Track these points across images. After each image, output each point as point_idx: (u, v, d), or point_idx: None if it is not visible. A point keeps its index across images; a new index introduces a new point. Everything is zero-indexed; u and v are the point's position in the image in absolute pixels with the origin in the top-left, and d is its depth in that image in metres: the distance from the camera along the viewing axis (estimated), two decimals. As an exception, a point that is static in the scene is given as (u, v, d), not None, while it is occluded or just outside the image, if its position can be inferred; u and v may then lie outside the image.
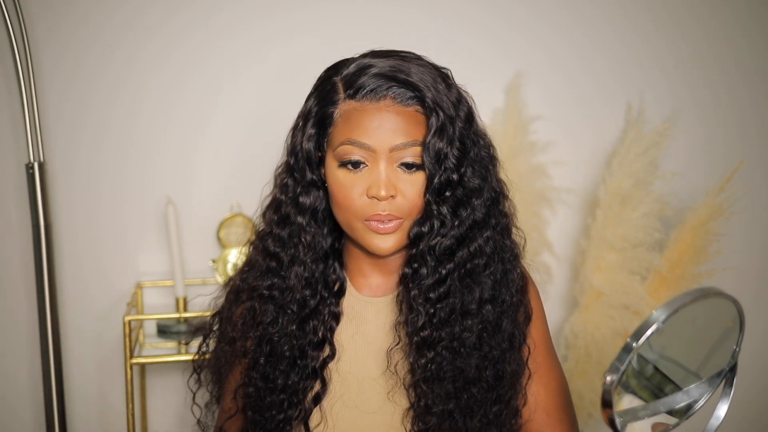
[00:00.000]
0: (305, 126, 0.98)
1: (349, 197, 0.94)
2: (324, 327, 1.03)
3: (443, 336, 0.97)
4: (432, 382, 0.96)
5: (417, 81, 0.93)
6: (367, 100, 0.93)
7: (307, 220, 1.01)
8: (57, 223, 1.68)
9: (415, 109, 0.93)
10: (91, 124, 1.68)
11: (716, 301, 0.73)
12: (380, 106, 0.92)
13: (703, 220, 1.65)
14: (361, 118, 0.92)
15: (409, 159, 0.93)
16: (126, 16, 1.66)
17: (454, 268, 0.97)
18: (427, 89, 0.93)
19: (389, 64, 0.94)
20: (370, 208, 0.94)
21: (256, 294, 1.03)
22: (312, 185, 1.00)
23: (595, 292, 1.70)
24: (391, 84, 0.92)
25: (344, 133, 0.94)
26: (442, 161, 0.93)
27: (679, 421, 0.81)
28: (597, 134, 1.82)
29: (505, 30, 1.77)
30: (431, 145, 0.92)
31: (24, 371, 1.72)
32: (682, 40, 1.81)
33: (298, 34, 1.71)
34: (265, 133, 1.30)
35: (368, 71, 0.93)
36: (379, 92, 0.92)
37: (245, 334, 1.04)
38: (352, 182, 0.94)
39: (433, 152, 0.92)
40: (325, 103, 0.95)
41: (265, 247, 1.04)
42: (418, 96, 0.92)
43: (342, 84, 0.95)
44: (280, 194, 1.03)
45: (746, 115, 1.85)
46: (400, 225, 0.95)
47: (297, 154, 0.99)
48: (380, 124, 0.92)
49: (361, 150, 0.92)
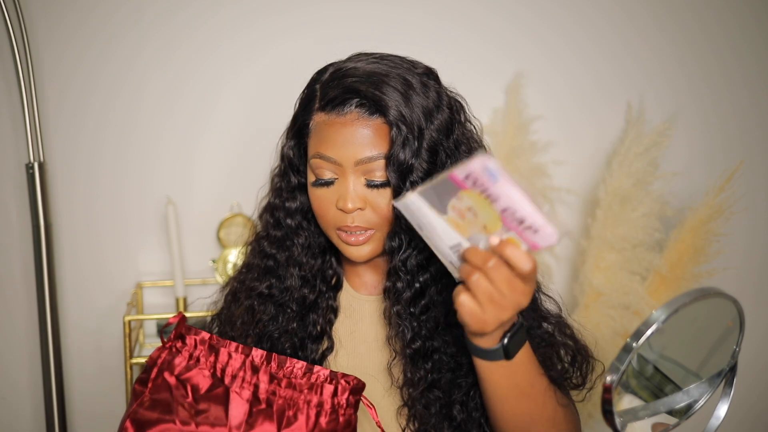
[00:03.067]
0: (288, 133, 1.00)
1: (322, 208, 0.96)
2: (323, 320, 1.04)
3: (436, 345, 0.97)
4: (431, 390, 0.96)
5: (381, 93, 0.91)
6: (334, 113, 0.93)
7: (297, 222, 1.02)
8: (57, 223, 1.68)
9: (381, 121, 0.92)
10: (91, 124, 1.68)
11: (716, 301, 0.73)
12: (346, 120, 0.92)
13: (703, 220, 1.65)
14: (329, 132, 0.93)
15: (374, 177, 0.93)
16: (126, 16, 1.66)
17: (431, 281, 0.97)
18: (392, 101, 0.91)
19: (362, 74, 0.93)
20: (341, 219, 0.95)
21: (254, 293, 1.04)
22: (298, 189, 1.01)
23: (595, 292, 1.70)
24: (355, 97, 0.92)
25: (314, 146, 0.95)
26: (406, 175, 0.92)
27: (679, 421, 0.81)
28: (597, 134, 1.82)
29: (506, 30, 1.77)
30: (394, 159, 0.91)
31: (24, 371, 1.72)
32: (682, 40, 1.81)
33: (299, 34, 1.71)
34: (266, 132, 1.30)
35: (341, 82, 0.93)
36: (345, 105, 0.92)
37: (245, 333, 1.04)
38: (325, 195, 0.96)
39: (395, 165, 0.91)
40: (305, 112, 0.97)
41: (262, 248, 1.05)
42: (381, 110, 0.91)
43: (319, 92, 0.96)
44: (273, 197, 1.05)
45: (746, 114, 1.85)
46: (371, 236, 0.96)
47: (283, 158, 1.01)
48: (345, 138, 0.92)
49: (328, 164, 0.93)
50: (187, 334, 0.89)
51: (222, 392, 0.86)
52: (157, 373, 0.87)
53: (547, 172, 1.79)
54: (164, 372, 0.87)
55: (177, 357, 0.88)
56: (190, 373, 0.87)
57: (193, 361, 0.88)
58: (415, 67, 0.97)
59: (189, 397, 0.86)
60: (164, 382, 0.87)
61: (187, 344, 0.88)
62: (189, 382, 0.87)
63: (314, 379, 0.88)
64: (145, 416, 0.85)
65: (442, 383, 0.97)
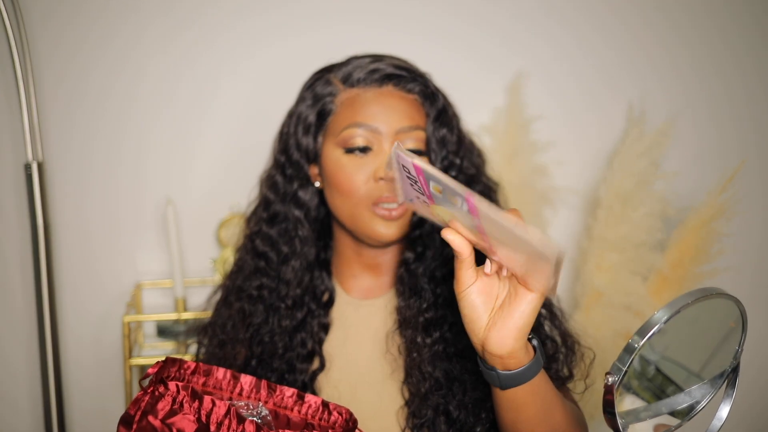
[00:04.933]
0: (300, 121, 0.98)
1: (355, 182, 0.94)
2: (312, 340, 1.02)
3: (448, 315, 0.96)
4: (435, 362, 0.95)
5: (415, 70, 0.97)
6: (369, 86, 0.94)
7: (303, 214, 1.01)
8: (56, 223, 1.67)
9: (414, 98, 0.94)
10: (91, 124, 1.68)
11: (718, 302, 0.73)
12: (383, 91, 0.94)
13: (705, 220, 1.65)
14: (366, 103, 0.93)
15: (412, 145, 0.93)
16: (121, 14, 1.65)
17: (450, 258, 0.97)
18: (424, 80, 0.97)
19: (384, 60, 0.97)
20: (377, 191, 0.93)
21: (244, 295, 1.03)
22: (308, 180, 1.00)
23: (596, 293, 1.70)
24: (391, 72, 0.94)
25: (348, 117, 0.93)
26: (444, 145, 0.95)
27: (681, 422, 0.81)
28: (598, 134, 1.82)
29: (507, 28, 1.77)
30: (435, 129, 0.95)
31: (23, 371, 1.71)
32: (684, 40, 1.81)
33: (299, 29, 1.71)
34: (266, 131, 1.30)
35: (367, 66, 0.95)
36: (381, 80, 0.94)
37: (235, 337, 1.03)
38: (358, 167, 0.93)
39: (438, 136, 0.95)
40: (323, 95, 0.96)
41: (254, 246, 1.04)
42: (419, 82, 0.94)
43: (338, 78, 0.96)
44: (269, 193, 1.03)
45: (748, 114, 1.84)
46: (405, 210, 0.95)
47: (290, 149, 1.00)
48: (385, 107, 0.93)
49: (366, 132, 0.92)
50: (169, 379, 0.87)
51: None
52: (141, 415, 0.85)
53: (548, 171, 1.78)
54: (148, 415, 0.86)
55: (160, 401, 0.86)
56: (174, 417, 0.85)
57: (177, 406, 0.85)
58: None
59: None
60: (149, 424, 0.85)
61: (170, 389, 0.86)
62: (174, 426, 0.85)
63: (305, 409, 0.84)
64: None
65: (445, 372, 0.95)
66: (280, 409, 0.85)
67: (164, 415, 0.85)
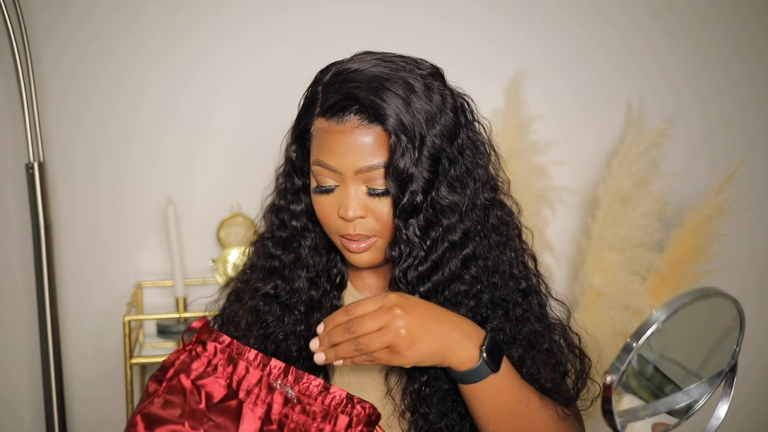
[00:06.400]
0: (291, 135, 0.99)
1: (325, 215, 0.96)
2: None
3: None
4: (431, 399, 0.96)
5: (381, 100, 0.89)
6: (334, 120, 0.91)
7: (303, 224, 1.02)
8: (57, 223, 1.68)
9: (381, 129, 0.91)
10: (91, 124, 1.68)
11: (716, 301, 0.73)
12: (345, 128, 0.91)
13: (704, 220, 1.65)
14: (329, 140, 0.92)
15: (375, 185, 0.92)
16: (126, 16, 1.66)
17: (432, 292, 0.95)
18: (391, 109, 0.89)
19: (363, 78, 0.91)
20: (343, 227, 0.95)
21: (259, 294, 1.03)
22: (302, 191, 1.01)
23: (595, 293, 1.70)
24: (354, 104, 0.90)
25: (316, 152, 0.94)
26: (405, 184, 0.90)
27: (679, 421, 0.81)
28: (597, 134, 1.82)
29: (506, 30, 1.77)
30: (393, 169, 0.90)
31: (24, 371, 1.72)
32: (682, 40, 1.81)
33: (299, 34, 1.71)
34: (266, 132, 1.30)
35: (341, 87, 0.91)
36: (345, 113, 0.91)
37: (248, 334, 1.04)
38: (327, 202, 0.95)
39: (395, 175, 0.90)
40: (307, 114, 0.95)
41: (267, 249, 1.04)
42: (386, 112, 0.89)
43: (321, 96, 0.94)
44: (278, 198, 1.04)
45: (747, 114, 1.85)
46: (373, 244, 0.95)
47: (287, 160, 1.01)
48: (345, 146, 0.91)
49: (330, 172, 0.93)
50: (209, 340, 0.88)
51: (235, 405, 0.85)
52: (174, 373, 0.86)
53: (547, 172, 1.79)
54: (180, 374, 0.87)
55: (195, 361, 0.87)
56: (206, 379, 0.86)
57: (211, 368, 0.87)
58: (420, 68, 0.95)
59: (202, 403, 0.85)
60: (179, 384, 0.86)
61: (208, 350, 0.88)
62: (204, 389, 0.86)
63: (329, 400, 0.86)
64: (156, 414, 0.84)
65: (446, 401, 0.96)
66: (304, 397, 0.86)
67: (197, 376, 0.86)
